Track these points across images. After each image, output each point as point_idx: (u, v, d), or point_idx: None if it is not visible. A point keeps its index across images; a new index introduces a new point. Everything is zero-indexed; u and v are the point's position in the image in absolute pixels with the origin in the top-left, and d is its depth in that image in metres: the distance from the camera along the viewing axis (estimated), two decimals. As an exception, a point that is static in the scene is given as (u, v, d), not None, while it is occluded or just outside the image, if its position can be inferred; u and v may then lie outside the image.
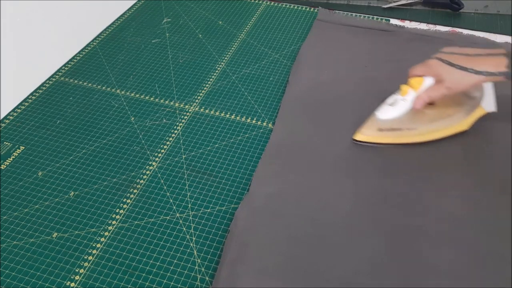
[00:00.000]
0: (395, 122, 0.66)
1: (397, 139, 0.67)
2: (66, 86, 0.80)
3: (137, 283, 0.52)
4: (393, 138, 0.67)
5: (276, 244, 0.54)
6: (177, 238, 0.56)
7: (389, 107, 0.66)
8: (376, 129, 0.67)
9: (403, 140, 0.67)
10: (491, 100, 0.65)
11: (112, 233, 0.57)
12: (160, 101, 0.76)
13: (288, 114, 0.72)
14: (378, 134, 0.67)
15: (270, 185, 0.61)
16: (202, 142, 0.69)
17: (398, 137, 0.66)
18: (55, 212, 0.59)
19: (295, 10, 1.00)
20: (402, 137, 0.66)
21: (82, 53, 0.88)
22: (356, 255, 0.53)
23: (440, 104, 0.67)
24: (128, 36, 0.92)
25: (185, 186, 0.62)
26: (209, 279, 0.52)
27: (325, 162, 0.64)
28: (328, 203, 0.59)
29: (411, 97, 0.64)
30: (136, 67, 0.84)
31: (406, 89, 0.65)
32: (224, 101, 0.76)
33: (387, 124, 0.66)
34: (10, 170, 0.65)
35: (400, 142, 0.67)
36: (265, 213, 0.57)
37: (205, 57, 0.86)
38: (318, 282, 0.50)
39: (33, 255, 0.55)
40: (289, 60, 0.85)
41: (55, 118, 0.73)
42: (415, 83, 0.64)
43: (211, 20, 0.97)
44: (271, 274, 0.51)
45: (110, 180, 0.63)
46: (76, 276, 0.53)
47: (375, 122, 0.67)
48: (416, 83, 0.64)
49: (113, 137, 0.70)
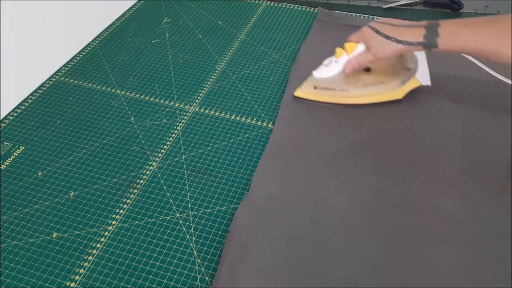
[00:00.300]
0: (329, 82, 0.71)
1: (330, 98, 0.72)
2: (66, 86, 0.80)
3: (137, 283, 0.52)
4: (327, 97, 0.72)
5: (276, 244, 0.54)
6: (177, 238, 0.56)
7: (324, 67, 0.72)
8: (313, 87, 0.72)
9: (337, 100, 0.72)
10: (426, 74, 0.70)
11: (112, 233, 0.57)
12: (160, 101, 0.76)
13: (288, 114, 0.72)
14: (314, 92, 0.72)
15: (270, 185, 0.61)
16: (202, 142, 0.69)
17: (332, 97, 0.72)
18: (55, 212, 0.59)
19: (295, 10, 1.00)
20: (336, 97, 0.72)
21: (82, 53, 0.88)
22: (356, 255, 0.53)
23: (376, 71, 0.73)
24: (128, 36, 0.92)
25: (185, 186, 0.62)
26: (209, 279, 0.52)
27: (325, 162, 0.64)
28: (328, 203, 0.59)
29: (344, 60, 0.70)
30: (136, 67, 0.84)
31: (341, 52, 0.70)
32: (224, 101, 0.76)
33: (322, 83, 0.72)
34: (10, 170, 0.65)
35: (334, 102, 0.72)
36: (265, 213, 0.57)
37: (205, 57, 0.86)
38: (318, 282, 0.50)
39: (33, 255, 0.55)
40: (289, 60, 0.85)
41: (55, 118, 0.73)
42: (348, 48, 0.69)
43: (211, 20, 0.97)
44: (271, 274, 0.51)
45: (110, 180, 0.63)
46: (76, 276, 0.53)
47: (312, 81, 0.73)
48: (349, 47, 0.69)
49: (113, 137, 0.70)
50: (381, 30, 0.66)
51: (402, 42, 0.63)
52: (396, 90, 0.71)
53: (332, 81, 0.71)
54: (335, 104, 0.72)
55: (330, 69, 0.72)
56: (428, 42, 0.62)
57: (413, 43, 0.63)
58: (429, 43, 0.62)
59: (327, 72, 0.72)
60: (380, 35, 0.65)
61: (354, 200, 0.59)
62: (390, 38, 0.64)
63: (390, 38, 0.64)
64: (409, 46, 0.64)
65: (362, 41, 0.68)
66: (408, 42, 0.63)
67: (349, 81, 0.71)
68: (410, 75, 0.71)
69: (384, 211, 0.58)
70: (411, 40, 0.63)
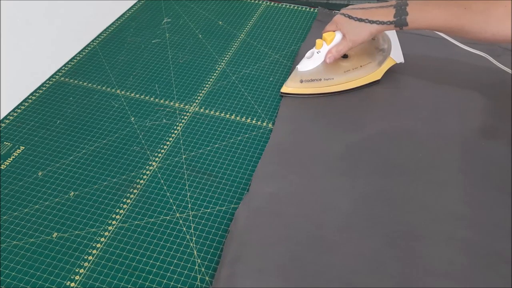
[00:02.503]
0: (314, 73, 0.74)
1: (317, 89, 0.74)
2: (66, 86, 0.80)
3: (137, 283, 0.52)
4: (314, 89, 0.74)
5: (276, 244, 0.54)
6: (177, 238, 0.56)
7: (307, 60, 0.74)
8: (299, 81, 0.74)
9: (323, 90, 0.75)
10: (398, 52, 0.74)
11: (112, 233, 0.57)
12: (160, 101, 0.76)
13: (288, 114, 0.72)
14: (300, 86, 0.74)
15: (270, 185, 0.61)
16: (202, 142, 0.69)
17: (318, 87, 0.74)
18: (55, 212, 0.59)
19: (295, 10, 1.00)
20: (322, 87, 0.74)
21: (82, 53, 0.88)
22: (356, 255, 0.53)
23: (354, 56, 0.76)
24: (128, 36, 0.92)
25: (185, 186, 0.62)
26: (209, 279, 0.52)
27: (325, 162, 0.64)
28: (328, 203, 0.59)
29: (325, 51, 0.73)
30: (136, 67, 0.84)
31: (321, 43, 0.73)
32: (224, 101, 0.76)
33: (307, 76, 0.74)
34: (10, 170, 0.65)
35: (321, 92, 0.75)
36: (265, 213, 0.57)
37: (205, 57, 0.86)
38: (318, 282, 0.50)
39: (33, 255, 0.55)
40: (289, 60, 0.85)
41: (55, 118, 0.73)
42: (327, 37, 0.72)
43: (211, 20, 0.97)
44: (271, 274, 0.51)
45: (110, 180, 0.63)
46: (76, 276, 0.53)
47: (297, 75, 0.75)
48: (328, 37, 0.72)
49: (113, 137, 0.70)
50: (353, 15, 0.68)
51: (376, 22, 0.67)
52: (374, 72, 0.75)
53: (316, 72, 0.74)
54: (321, 94, 0.75)
55: (312, 60, 0.74)
56: (398, 21, 0.65)
57: (385, 22, 0.66)
58: (399, 22, 0.66)
59: (311, 64, 0.74)
60: (354, 20, 0.68)
61: (354, 200, 0.59)
62: (364, 21, 0.67)
63: (363, 20, 0.67)
64: (382, 26, 0.67)
65: (338, 29, 0.71)
66: (381, 21, 0.67)
67: (331, 69, 0.74)
68: (385, 55, 0.75)
69: (384, 211, 0.58)
70: (383, 20, 0.66)
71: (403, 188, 0.60)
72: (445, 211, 0.57)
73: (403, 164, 0.63)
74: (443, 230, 0.55)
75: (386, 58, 0.74)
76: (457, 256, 0.53)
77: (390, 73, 0.76)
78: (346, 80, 0.74)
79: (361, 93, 0.75)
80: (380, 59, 0.76)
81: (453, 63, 0.80)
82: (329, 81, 0.74)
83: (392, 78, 0.77)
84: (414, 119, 0.70)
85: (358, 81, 0.75)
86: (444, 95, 0.74)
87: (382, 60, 0.75)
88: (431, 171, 0.62)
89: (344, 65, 0.75)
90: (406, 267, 0.52)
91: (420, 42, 0.85)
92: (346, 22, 0.69)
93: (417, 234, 0.55)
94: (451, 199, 0.59)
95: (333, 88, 0.74)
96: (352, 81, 0.74)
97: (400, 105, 0.73)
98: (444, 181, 0.61)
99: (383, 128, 0.69)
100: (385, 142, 0.67)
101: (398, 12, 0.65)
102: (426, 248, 0.53)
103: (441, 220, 0.56)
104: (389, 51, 0.74)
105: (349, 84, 0.74)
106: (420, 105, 0.73)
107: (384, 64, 0.75)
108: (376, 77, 0.75)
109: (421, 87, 0.76)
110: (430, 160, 0.64)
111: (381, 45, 0.77)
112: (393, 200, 0.59)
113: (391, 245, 0.54)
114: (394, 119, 0.70)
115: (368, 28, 0.67)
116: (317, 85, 0.74)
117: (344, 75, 0.74)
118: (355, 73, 0.74)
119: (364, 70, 0.75)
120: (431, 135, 0.67)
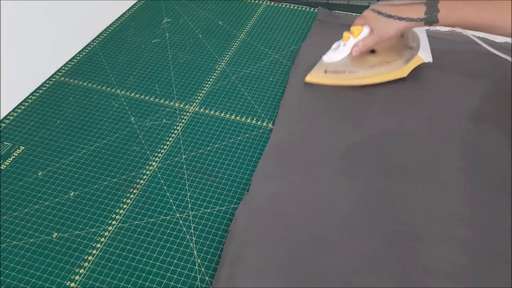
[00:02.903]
0: (339, 65, 0.75)
1: (340, 81, 0.76)
2: (66, 86, 0.80)
3: (137, 283, 0.52)
4: (337, 80, 0.76)
5: (276, 244, 0.54)
6: (177, 238, 0.56)
7: (333, 52, 0.76)
8: (323, 71, 0.76)
9: (346, 82, 0.76)
10: (427, 51, 0.75)
11: (112, 233, 0.57)
12: (160, 101, 0.76)
13: (288, 114, 0.72)
14: (324, 76, 0.76)
15: (270, 185, 0.61)
16: (202, 142, 0.69)
17: (342, 79, 0.76)
18: (55, 212, 0.59)
19: (295, 10, 1.00)
20: (345, 79, 0.76)
21: (82, 53, 0.88)
22: (356, 255, 0.53)
23: (381, 52, 0.77)
24: (128, 36, 0.92)
25: (185, 186, 0.62)
26: (209, 279, 0.52)
27: (325, 162, 0.64)
28: (328, 202, 0.59)
29: (351, 44, 0.74)
30: (136, 67, 0.84)
31: (348, 36, 0.74)
32: (224, 101, 0.76)
33: (331, 67, 0.76)
34: (10, 170, 0.65)
35: (343, 84, 0.76)
36: (265, 213, 0.57)
37: (205, 57, 0.86)
38: (318, 281, 0.50)
39: (33, 255, 0.55)
40: (289, 60, 0.85)
41: (55, 118, 0.73)
42: (355, 31, 0.73)
43: (211, 20, 0.97)
44: (271, 274, 0.51)
45: (110, 180, 0.63)
46: (76, 276, 0.53)
47: (322, 65, 0.77)
48: (356, 30, 0.73)
49: (113, 137, 0.70)
50: (382, 11, 0.69)
51: (405, 19, 0.67)
52: (400, 69, 0.75)
53: (341, 64, 0.75)
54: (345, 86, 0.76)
55: (338, 53, 0.75)
56: (429, 18, 0.66)
57: (415, 19, 0.67)
58: (430, 19, 0.66)
59: (336, 56, 0.76)
60: (383, 16, 0.69)
61: (354, 199, 0.59)
62: (393, 17, 0.68)
63: (393, 16, 0.68)
64: (411, 23, 0.67)
65: (366, 24, 0.72)
66: (410, 18, 0.67)
67: (356, 63, 0.75)
68: (413, 53, 0.75)
69: (384, 211, 0.58)
70: (413, 17, 0.67)
71: (403, 188, 0.60)
72: (445, 211, 0.57)
73: (403, 164, 0.63)
74: (443, 230, 0.55)
75: (414, 56, 0.74)
76: (457, 256, 0.53)
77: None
78: (370, 74, 0.75)
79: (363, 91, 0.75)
80: (408, 56, 0.75)
81: (459, 61, 0.80)
82: (353, 74, 0.75)
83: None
84: (414, 119, 0.70)
85: (383, 76, 0.75)
86: (445, 95, 0.74)
87: (410, 58, 0.75)
88: (431, 171, 0.62)
89: (370, 59, 0.76)
90: (406, 267, 0.52)
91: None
92: (374, 18, 0.71)
93: (417, 234, 0.55)
94: (451, 199, 0.59)
95: (356, 82, 0.75)
96: (377, 76, 0.75)
97: (400, 105, 0.73)
98: (444, 181, 0.61)
99: (383, 128, 0.69)
100: (385, 142, 0.67)
101: (429, 9, 0.65)
102: (426, 248, 0.53)
103: (441, 220, 0.56)
104: (417, 50, 0.74)
105: (373, 78, 0.75)
106: (421, 104, 0.73)
107: (411, 62, 0.74)
108: (401, 74, 0.75)
109: (421, 86, 0.76)
110: (430, 160, 0.64)
111: (410, 43, 0.77)
112: (393, 200, 0.59)
113: (391, 245, 0.54)
114: (394, 119, 0.70)
115: (396, 24, 0.68)
116: (341, 76, 0.75)
117: (369, 70, 0.75)
118: (380, 69, 0.75)
119: (390, 67, 0.75)
120: (431, 135, 0.67)
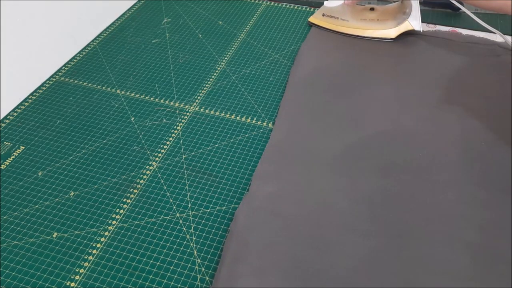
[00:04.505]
0: (335, 11, 0.86)
1: (333, 26, 0.87)
2: (66, 86, 0.80)
3: (137, 283, 0.52)
4: (330, 25, 0.87)
5: (276, 244, 0.54)
6: (177, 238, 0.56)
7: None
8: (321, 14, 0.88)
9: (337, 29, 0.87)
10: (418, 20, 0.81)
11: (112, 233, 0.57)
12: (160, 101, 0.76)
13: (288, 114, 0.72)
14: (322, 19, 0.89)
15: (270, 185, 0.61)
16: (202, 142, 0.69)
17: (334, 25, 0.87)
18: (55, 212, 0.59)
19: (295, 10, 1.00)
20: (337, 25, 0.87)
21: (82, 53, 0.88)
22: (356, 255, 0.53)
23: (378, 11, 0.85)
24: (128, 36, 0.92)
25: (185, 186, 0.62)
26: (209, 279, 0.52)
27: (325, 162, 0.64)
28: (327, 202, 0.59)
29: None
30: (136, 67, 0.84)
31: None
32: (224, 101, 0.76)
33: (328, 11, 0.87)
34: (10, 170, 0.65)
35: (335, 30, 0.87)
36: (265, 213, 0.57)
37: (205, 57, 0.86)
38: (318, 281, 0.50)
39: (33, 255, 0.55)
40: (289, 60, 0.85)
41: (55, 118, 0.73)
42: None
43: (211, 20, 0.97)
44: (271, 274, 0.51)
45: (110, 180, 0.63)
46: (76, 276, 0.53)
47: (323, 9, 0.88)
48: None
49: (113, 137, 0.70)
50: None
51: None
52: (390, 29, 0.83)
53: (337, 11, 0.86)
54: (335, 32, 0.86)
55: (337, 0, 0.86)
56: None
57: None
58: None
59: (335, 3, 0.86)
60: None
61: (354, 199, 0.59)
62: None
63: None
64: None
65: None
66: None
67: (350, 13, 0.85)
68: (404, 18, 0.82)
69: (384, 210, 0.58)
70: None
71: (403, 188, 0.60)
72: (445, 211, 0.57)
73: (403, 164, 0.63)
74: (443, 230, 0.55)
75: (404, 21, 0.81)
76: (457, 256, 0.53)
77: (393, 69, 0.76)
78: (359, 26, 0.84)
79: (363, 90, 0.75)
80: (399, 21, 0.82)
81: (459, 61, 0.80)
82: (344, 22, 0.85)
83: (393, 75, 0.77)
84: (414, 119, 0.70)
85: (370, 31, 0.84)
86: (445, 94, 0.74)
87: (401, 22, 0.82)
88: (431, 171, 0.62)
89: (365, 13, 0.85)
90: (406, 267, 0.52)
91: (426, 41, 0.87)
92: None
93: (417, 234, 0.55)
94: (451, 199, 0.59)
95: (345, 30, 0.85)
96: (365, 29, 0.84)
97: (400, 105, 0.73)
98: (444, 181, 0.61)
99: (383, 128, 0.69)
100: (385, 142, 0.66)
101: None
102: (426, 248, 0.53)
103: (441, 220, 0.56)
104: (408, 16, 0.81)
105: (361, 31, 0.84)
106: (421, 104, 0.73)
107: (400, 26, 0.82)
108: (389, 35, 0.83)
109: (421, 86, 0.76)
110: (430, 160, 0.64)
111: (406, 9, 0.83)
112: (393, 200, 0.59)
113: (391, 245, 0.54)
114: (395, 119, 0.70)
115: None
116: (334, 22, 0.86)
117: (359, 22, 0.84)
118: (370, 24, 0.84)
119: (379, 24, 0.83)
120: (431, 135, 0.67)
